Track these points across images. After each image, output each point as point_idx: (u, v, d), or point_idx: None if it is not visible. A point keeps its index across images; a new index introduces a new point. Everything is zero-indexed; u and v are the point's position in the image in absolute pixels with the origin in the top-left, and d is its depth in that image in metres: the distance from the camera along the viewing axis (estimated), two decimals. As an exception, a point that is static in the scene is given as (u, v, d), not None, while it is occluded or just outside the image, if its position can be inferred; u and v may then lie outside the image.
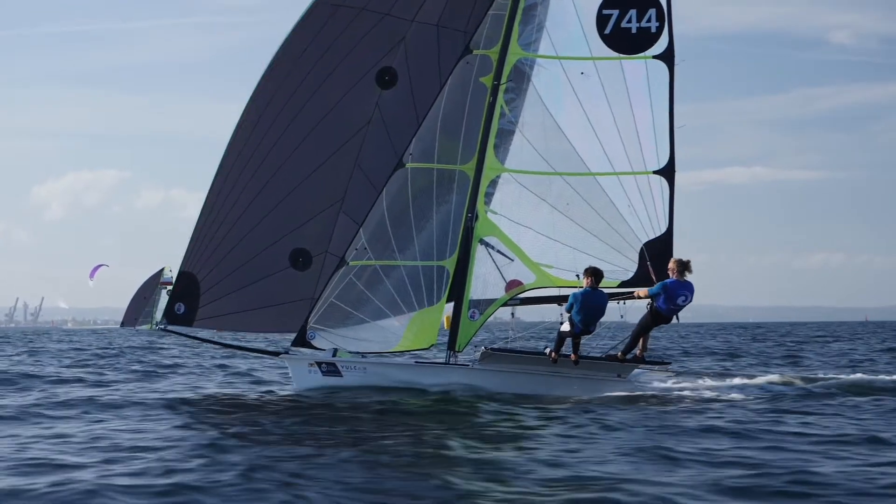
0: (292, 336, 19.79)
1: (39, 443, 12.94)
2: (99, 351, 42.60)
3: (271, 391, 20.26)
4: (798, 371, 25.77)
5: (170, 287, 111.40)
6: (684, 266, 18.79)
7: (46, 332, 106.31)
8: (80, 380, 23.62)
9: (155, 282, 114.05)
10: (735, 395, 18.36)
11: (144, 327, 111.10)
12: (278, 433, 13.66)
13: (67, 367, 29.51)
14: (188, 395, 19.63)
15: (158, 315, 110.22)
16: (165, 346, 47.15)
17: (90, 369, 28.10)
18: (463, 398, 18.37)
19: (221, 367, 28.65)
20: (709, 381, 20.98)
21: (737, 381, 20.97)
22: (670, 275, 18.82)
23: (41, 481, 10.19)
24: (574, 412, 16.02)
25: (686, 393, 18.84)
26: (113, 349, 44.63)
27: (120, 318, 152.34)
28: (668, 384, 20.10)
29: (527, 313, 20.30)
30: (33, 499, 9.51)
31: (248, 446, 12.33)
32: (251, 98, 20.24)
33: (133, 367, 28.90)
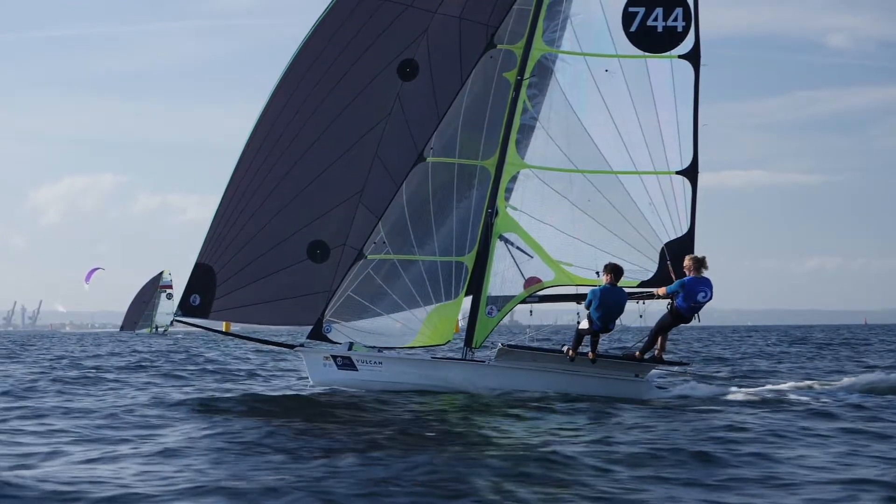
0: (309, 329, 19.60)
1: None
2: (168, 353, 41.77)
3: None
4: None
5: (169, 291, 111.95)
6: (700, 262, 18.61)
7: (49, 336, 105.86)
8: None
9: (154, 286, 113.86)
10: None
11: (144, 331, 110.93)
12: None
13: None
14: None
15: (158, 318, 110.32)
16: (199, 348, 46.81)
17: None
18: (478, 395, 18.21)
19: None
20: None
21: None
22: (686, 272, 18.63)
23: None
24: (601, 412, 15.82)
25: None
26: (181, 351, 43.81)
27: (117, 322, 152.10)
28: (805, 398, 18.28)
29: (540, 316, 19.97)
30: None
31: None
32: (273, 91, 20.09)
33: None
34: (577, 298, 19.42)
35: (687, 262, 18.62)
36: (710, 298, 18.50)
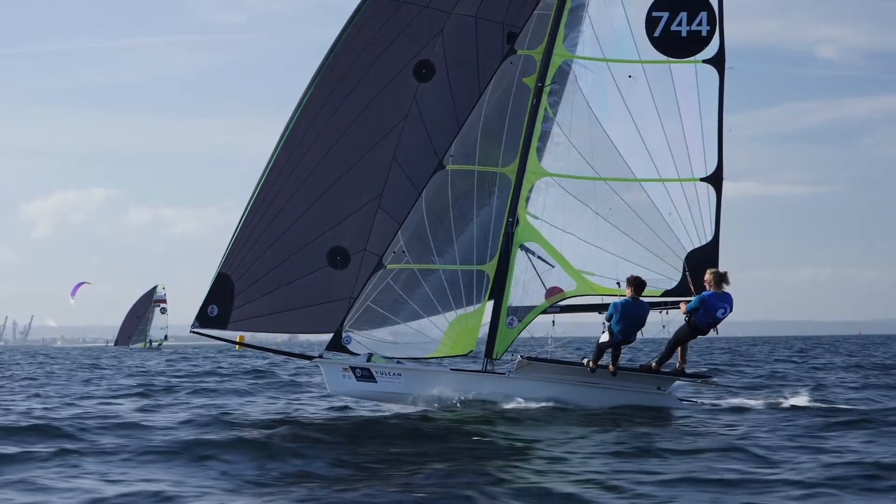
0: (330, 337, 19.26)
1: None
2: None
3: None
4: None
5: (163, 305, 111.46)
6: (721, 278, 18.25)
7: (44, 351, 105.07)
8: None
9: (148, 300, 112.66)
10: None
11: (138, 345, 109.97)
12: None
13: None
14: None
15: (152, 333, 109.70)
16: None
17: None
18: (498, 408, 17.87)
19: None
20: None
21: None
22: (707, 286, 18.30)
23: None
24: (627, 429, 15.51)
25: None
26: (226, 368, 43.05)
27: (108, 336, 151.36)
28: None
29: (561, 327, 19.58)
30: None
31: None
32: (299, 103, 19.79)
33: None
34: (600, 308, 19.07)
35: (708, 276, 18.26)
36: (730, 313, 18.18)
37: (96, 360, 46.85)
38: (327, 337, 19.12)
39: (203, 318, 19.67)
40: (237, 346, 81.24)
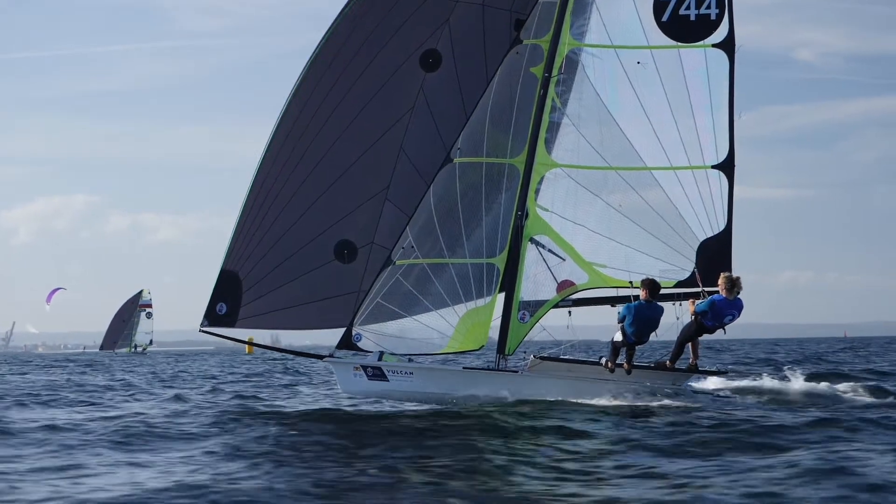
0: (338, 331, 19.16)
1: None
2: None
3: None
4: None
5: (149, 310, 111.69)
6: (733, 283, 17.95)
7: (26, 358, 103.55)
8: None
9: (134, 305, 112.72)
10: None
11: (123, 350, 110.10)
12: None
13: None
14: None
15: (137, 338, 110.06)
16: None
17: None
18: (512, 408, 17.69)
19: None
20: None
21: None
22: (720, 290, 18.04)
23: None
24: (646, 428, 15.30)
25: None
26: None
27: (89, 343, 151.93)
28: None
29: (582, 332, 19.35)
30: None
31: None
32: (292, 91, 19.50)
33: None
34: (612, 301, 18.87)
35: (721, 280, 17.99)
36: (737, 319, 17.97)
37: (134, 367, 46.63)
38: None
39: (212, 316, 19.59)
40: (248, 350, 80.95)
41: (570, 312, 19.20)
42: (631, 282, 18.58)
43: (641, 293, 18.10)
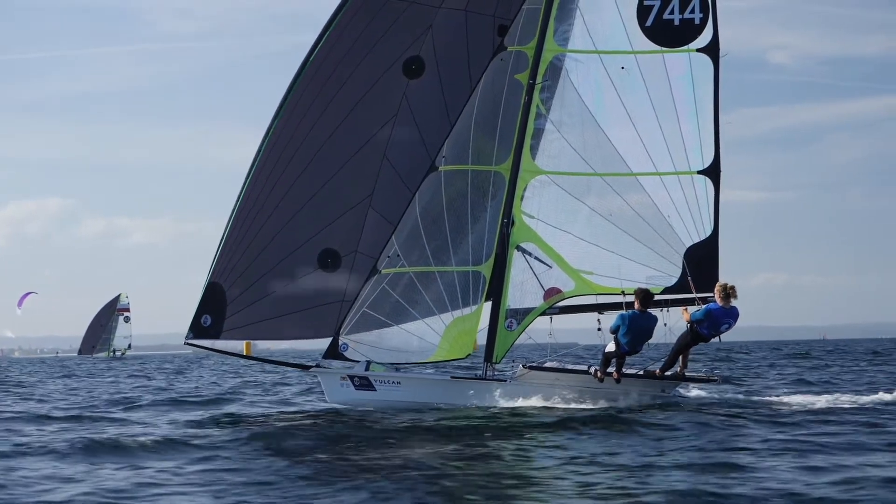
0: (323, 342, 19.04)
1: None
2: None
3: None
4: None
5: (127, 314, 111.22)
6: (729, 293, 17.90)
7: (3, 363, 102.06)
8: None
9: (111, 309, 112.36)
10: None
11: (101, 354, 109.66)
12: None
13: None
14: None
15: (115, 342, 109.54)
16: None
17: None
18: (500, 415, 17.58)
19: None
20: None
21: None
22: (715, 298, 17.98)
23: None
24: (631, 434, 15.23)
25: None
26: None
27: (64, 347, 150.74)
28: None
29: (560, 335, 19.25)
30: None
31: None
32: (281, 103, 19.39)
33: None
34: (599, 308, 18.80)
35: (717, 289, 17.94)
36: (733, 327, 17.92)
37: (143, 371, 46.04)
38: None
39: (197, 329, 19.43)
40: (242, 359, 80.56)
41: (551, 319, 19.10)
42: (623, 291, 18.47)
43: (635, 303, 18.01)
